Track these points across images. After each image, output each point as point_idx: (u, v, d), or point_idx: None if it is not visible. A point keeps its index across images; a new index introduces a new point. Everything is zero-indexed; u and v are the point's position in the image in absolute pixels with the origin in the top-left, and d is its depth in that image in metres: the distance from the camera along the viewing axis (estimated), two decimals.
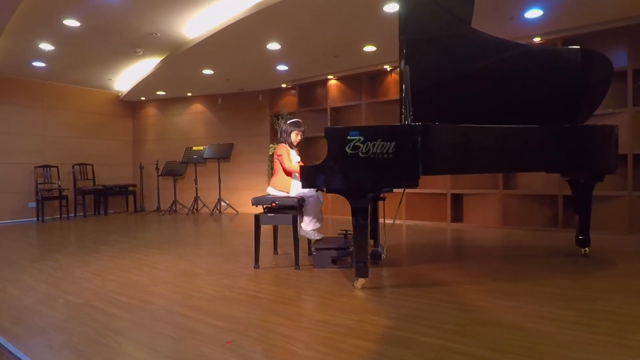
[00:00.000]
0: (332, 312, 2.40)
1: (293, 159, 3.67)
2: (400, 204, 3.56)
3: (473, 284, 2.91)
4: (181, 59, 5.82)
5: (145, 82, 7.28)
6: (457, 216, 5.90)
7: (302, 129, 3.74)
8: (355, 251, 2.86)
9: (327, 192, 2.90)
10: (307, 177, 2.87)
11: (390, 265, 3.51)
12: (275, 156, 3.69)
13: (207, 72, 6.62)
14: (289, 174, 3.62)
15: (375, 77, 6.76)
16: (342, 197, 2.80)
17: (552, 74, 3.36)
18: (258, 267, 3.50)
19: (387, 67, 6.37)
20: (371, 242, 3.66)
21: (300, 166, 2.90)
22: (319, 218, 3.79)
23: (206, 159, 8.18)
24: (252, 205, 3.56)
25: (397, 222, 3.97)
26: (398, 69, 3.23)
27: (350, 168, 2.75)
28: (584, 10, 4.20)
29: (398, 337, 2.03)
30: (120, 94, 8.66)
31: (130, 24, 4.87)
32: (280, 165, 3.65)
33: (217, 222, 6.91)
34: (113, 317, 2.39)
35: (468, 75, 3.32)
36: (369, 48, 5.43)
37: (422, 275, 3.19)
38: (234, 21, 4.45)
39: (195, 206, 8.29)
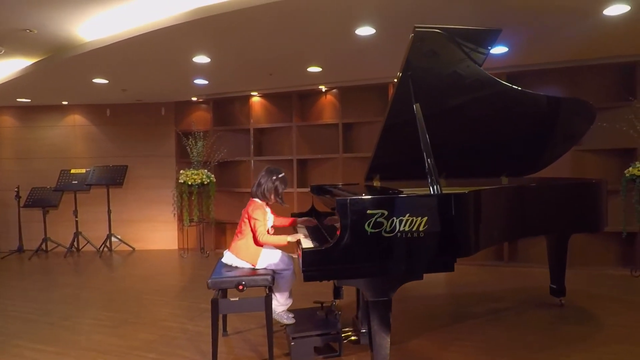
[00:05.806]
0: None
1: (268, 222, 2.85)
2: None
3: None
4: (67, 65, 4.34)
5: (3, 87, 5.40)
6: None
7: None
8: (375, 356, 2.18)
9: (338, 284, 2.18)
10: (312, 265, 2.09)
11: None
12: (246, 215, 2.79)
13: (100, 81, 5.16)
14: (260, 244, 2.77)
15: (307, 97, 6.10)
16: None
17: (520, 118, 3.18)
18: None
19: (322, 88, 5.77)
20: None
21: (303, 251, 2.10)
22: (289, 294, 3.00)
23: (90, 185, 6.55)
24: (209, 288, 2.61)
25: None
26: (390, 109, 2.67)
27: (370, 252, 2.08)
28: (538, 50, 4.20)
29: None
30: None
31: None
32: (249, 228, 2.77)
33: (110, 268, 5.52)
34: None
35: (452, 112, 2.97)
36: (314, 69, 4.75)
37: None
38: (158, 27, 3.34)
39: (76, 244, 6.58)
